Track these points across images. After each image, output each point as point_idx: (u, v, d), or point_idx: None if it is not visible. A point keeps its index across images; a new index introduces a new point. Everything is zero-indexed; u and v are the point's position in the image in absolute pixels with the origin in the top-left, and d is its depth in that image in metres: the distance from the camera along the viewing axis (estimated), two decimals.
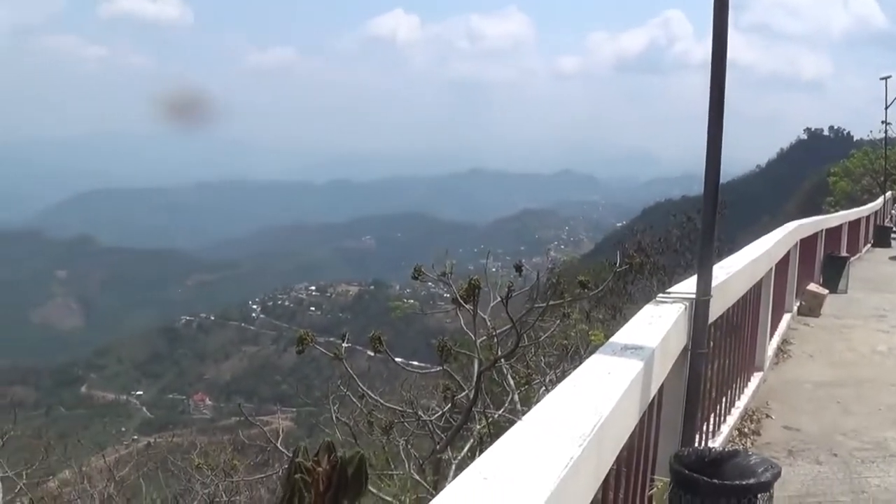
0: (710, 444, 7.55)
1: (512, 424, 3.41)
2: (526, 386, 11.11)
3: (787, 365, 12.69)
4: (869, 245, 31.05)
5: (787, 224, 14.81)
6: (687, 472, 4.76)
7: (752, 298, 9.85)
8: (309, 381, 62.45)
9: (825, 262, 20.10)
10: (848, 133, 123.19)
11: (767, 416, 9.85)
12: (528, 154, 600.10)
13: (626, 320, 5.56)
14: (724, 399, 8.68)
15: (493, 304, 9.57)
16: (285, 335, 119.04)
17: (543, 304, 9.06)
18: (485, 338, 9.25)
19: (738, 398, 9.59)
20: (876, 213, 33.92)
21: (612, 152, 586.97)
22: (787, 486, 7.37)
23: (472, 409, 9.33)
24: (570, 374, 4.16)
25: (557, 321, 11.00)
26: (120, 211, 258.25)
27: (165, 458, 17.86)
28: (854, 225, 27.02)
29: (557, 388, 3.87)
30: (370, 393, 9.89)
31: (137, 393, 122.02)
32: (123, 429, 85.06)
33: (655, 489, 5.12)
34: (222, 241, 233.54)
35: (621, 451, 4.05)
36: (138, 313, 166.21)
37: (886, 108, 43.39)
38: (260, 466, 15.02)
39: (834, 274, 19.83)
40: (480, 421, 9.85)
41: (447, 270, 9.27)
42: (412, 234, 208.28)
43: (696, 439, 6.42)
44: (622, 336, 4.96)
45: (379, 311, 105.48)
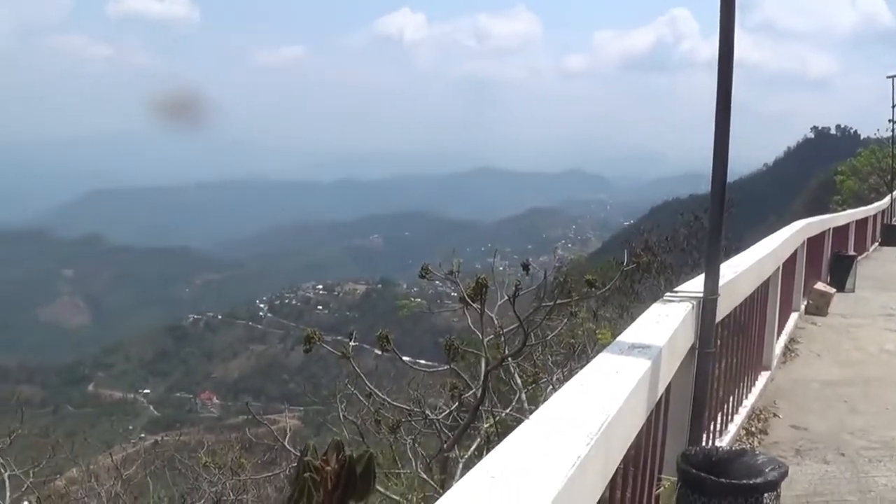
0: (718, 444, 7.55)
1: (519, 423, 3.42)
2: (533, 385, 11.12)
3: (794, 364, 12.67)
4: (876, 244, 31.00)
5: (795, 223, 14.82)
6: (694, 471, 4.76)
7: (759, 297, 9.84)
8: (316, 380, 62.51)
9: (832, 261, 20.07)
10: (855, 132, 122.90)
11: (775, 415, 9.84)
12: (535, 153, 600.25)
13: (633, 319, 5.55)
14: (731, 398, 8.68)
15: (500, 302, 9.57)
16: (293, 334, 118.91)
17: (551, 303, 9.05)
18: (492, 336, 9.24)
19: (746, 397, 9.58)
20: (883, 211, 33.83)
21: (619, 151, 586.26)
22: (795, 486, 7.36)
23: (480, 407, 9.32)
24: (577, 373, 4.16)
25: (565, 320, 11.01)
26: (127, 210, 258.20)
27: (173, 457, 17.91)
28: (861, 224, 26.98)
29: (565, 387, 3.87)
30: (377, 392, 9.87)
31: (145, 391, 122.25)
32: (131, 427, 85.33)
33: (663, 488, 5.12)
34: (230, 240, 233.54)
35: (629, 450, 4.05)
36: (146, 312, 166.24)
37: (893, 106, 43.32)
38: (267, 465, 15.06)
39: (841, 273, 19.81)
40: (488, 420, 9.85)
41: (454, 269, 9.27)
42: (419, 233, 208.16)
43: (704, 438, 6.42)
44: (629, 335, 4.96)
45: (386, 310, 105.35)
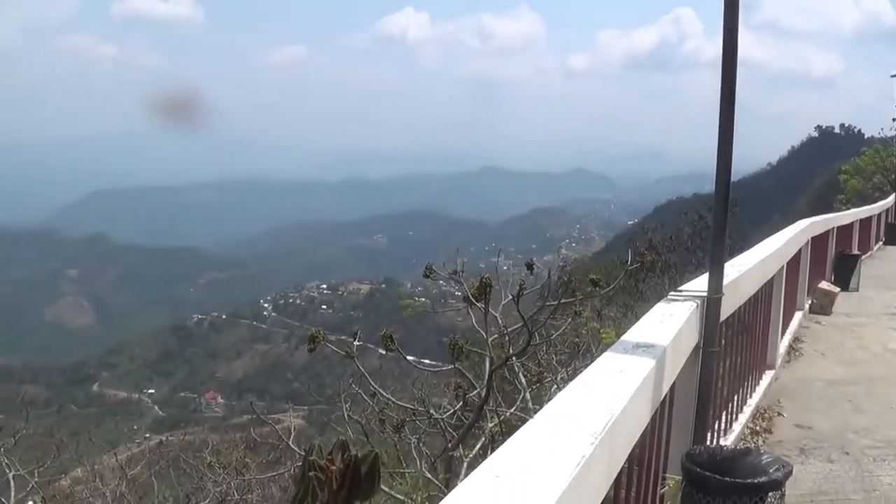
0: (722, 443, 7.56)
1: (523, 423, 3.42)
2: (537, 384, 11.10)
3: (798, 363, 12.68)
4: (880, 243, 31.00)
5: (799, 222, 14.81)
6: (699, 470, 4.76)
7: (763, 296, 9.85)
8: (321, 380, 62.51)
9: (836, 260, 20.07)
10: (859, 131, 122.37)
11: (779, 414, 9.85)
12: (539, 152, 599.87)
13: (637, 318, 5.55)
14: (735, 397, 8.68)
15: (504, 302, 9.56)
16: (297, 333, 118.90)
17: (555, 303, 9.07)
18: (496, 336, 9.25)
19: (750, 396, 9.59)
20: (887, 210, 33.79)
21: (623, 150, 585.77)
22: (799, 485, 7.37)
23: (484, 407, 9.33)
24: (581, 373, 4.17)
25: (569, 319, 11.00)
26: (132, 210, 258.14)
27: (177, 457, 17.92)
28: (865, 223, 26.98)
29: (569, 387, 3.88)
30: (382, 391, 9.88)
31: (149, 391, 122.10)
32: (135, 427, 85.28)
33: (667, 487, 5.13)
34: (234, 240, 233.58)
35: (633, 450, 4.06)
36: (150, 312, 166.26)
37: None
38: (272, 464, 15.04)
39: (845, 272, 19.80)
40: (492, 419, 9.85)
41: (459, 269, 9.28)
42: (424, 233, 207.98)
43: (708, 438, 6.42)
44: (634, 334, 4.97)
45: (390, 310, 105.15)
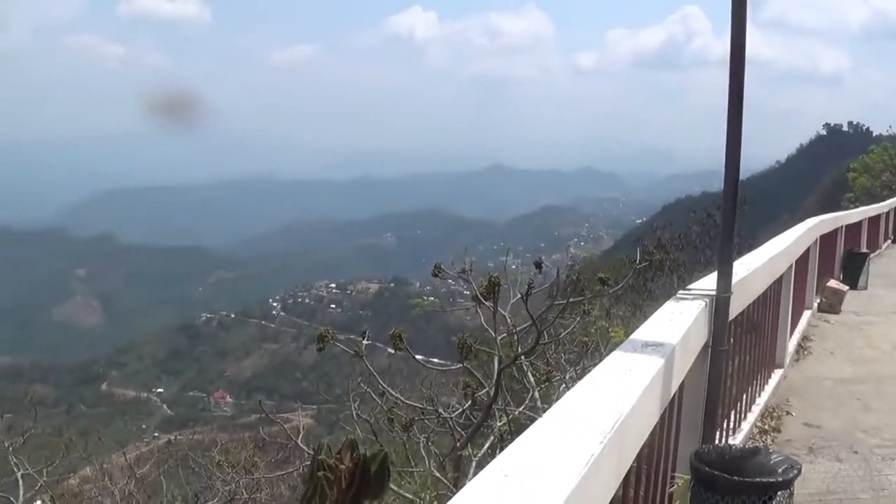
0: (731, 442, 7.56)
1: (532, 422, 3.42)
2: (546, 383, 11.11)
3: (807, 362, 12.66)
4: (889, 241, 30.91)
5: (807, 220, 14.78)
6: (707, 469, 4.77)
7: (772, 295, 9.84)
8: (329, 379, 62.61)
9: (845, 259, 20.04)
10: (867, 128, 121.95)
11: (788, 413, 9.84)
12: (547, 151, 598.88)
13: (646, 317, 5.55)
14: (744, 396, 8.68)
15: (513, 301, 9.57)
16: (305, 333, 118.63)
17: (563, 302, 9.05)
18: (505, 335, 9.24)
19: (759, 395, 9.58)
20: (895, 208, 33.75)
21: (631, 149, 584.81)
22: (808, 484, 7.36)
23: (493, 406, 9.33)
24: (590, 372, 4.17)
25: (577, 318, 11.01)
26: (140, 209, 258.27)
27: (186, 456, 17.92)
28: (874, 221, 26.92)
29: (578, 386, 3.88)
30: (390, 390, 9.88)
31: (158, 390, 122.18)
32: (144, 426, 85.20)
33: (676, 486, 5.13)
34: (243, 239, 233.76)
35: (642, 449, 4.06)
36: (159, 311, 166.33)
37: None
38: (281, 463, 15.07)
39: (854, 270, 19.77)
40: (501, 418, 9.84)
41: (467, 268, 9.29)
42: (432, 232, 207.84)
43: (717, 437, 6.43)
44: (642, 333, 4.97)
45: (399, 309, 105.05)
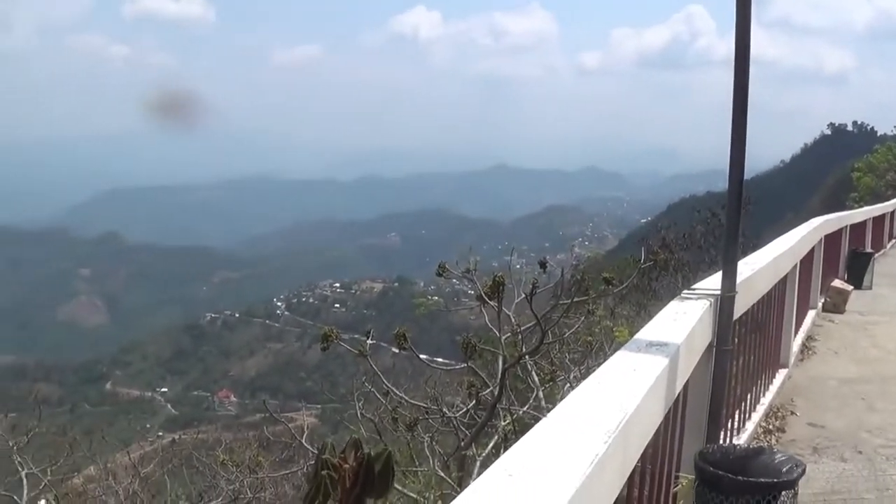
0: (735, 442, 7.56)
1: (536, 421, 3.42)
2: (550, 383, 11.10)
3: (811, 362, 12.65)
4: (894, 241, 30.85)
5: (812, 220, 14.78)
6: (712, 469, 4.76)
7: (776, 295, 9.84)
8: (334, 378, 62.40)
9: (850, 259, 20.02)
10: (872, 128, 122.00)
11: (792, 413, 9.83)
12: (551, 150, 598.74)
13: (650, 317, 5.55)
14: (748, 396, 8.67)
15: (517, 300, 9.55)
16: (310, 332, 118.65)
17: (568, 301, 9.05)
18: (509, 335, 9.24)
19: (763, 395, 9.57)
20: None
21: (636, 148, 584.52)
22: (812, 484, 7.36)
23: (497, 405, 9.32)
24: (594, 371, 4.17)
25: (582, 318, 11.00)
26: (144, 209, 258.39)
27: (190, 455, 17.94)
28: (878, 221, 26.89)
29: (582, 385, 3.88)
30: (395, 390, 9.88)
31: (162, 390, 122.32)
32: (148, 425, 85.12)
33: (680, 486, 5.12)
34: (247, 239, 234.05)
35: (646, 448, 4.06)
36: (163, 310, 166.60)
37: None
38: (285, 463, 15.05)
39: (858, 270, 19.75)
40: (505, 418, 9.84)
41: (472, 267, 9.28)
42: (437, 231, 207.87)
43: (721, 436, 6.42)
44: (647, 333, 4.97)
45: (403, 308, 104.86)
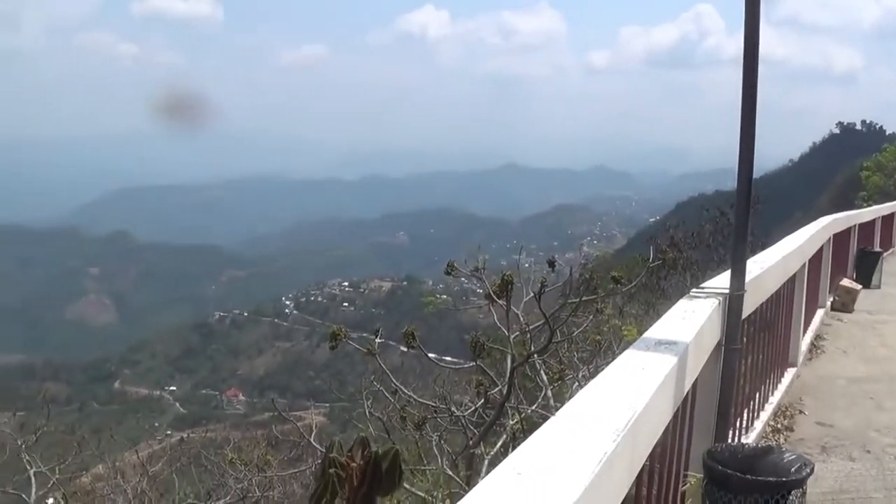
0: (744, 441, 7.55)
1: (545, 420, 3.42)
2: (559, 381, 11.12)
3: (820, 361, 12.63)
4: None
5: (820, 219, 14.75)
6: (720, 468, 4.76)
7: (785, 294, 9.82)
8: (342, 377, 62.45)
9: (858, 258, 19.97)
10: (880, 127, 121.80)
11: (801, 412, 9.81)
12: (560, 149, 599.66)
13: (659, 316, 5.54)
14: (757, 395, 8.67)
15: (526, 299, 9.56)
16: (318, 331, 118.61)
17: (576, 300, 9.05)
18: (518, 333, 9.25)
19: (772, 394, 9.56)
20: None
21: (644, 147, 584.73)
22: (821, 483, 7.34)
23: (505, 404, 9.33)
24: (603, 370, 4.17)
25: (590, 317, 11.00)
26: (154, 208, 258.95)
27: (199, 454, 17.97)
28: (887, 220, 26.81)
29: (591, 384, 3.88)
30: (403, 388, 9.89)
31: (171, 388, 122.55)
32: (157, 424, 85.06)
33: (689, 485, 5.12)
34: (256, 238, 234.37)
35: (655, 447, 4.05)
36: (172, 309, 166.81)
37: None
38: (293, 461, 15.07)
39: (867, 269, 19.70)
40: (513, 416, 9.84)
41: (480, 266, 9.30)
42: (445, 230, 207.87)
43: (730, 435, 6.41)
44: (655, 331, 4.96)
45: (412, 307, 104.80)
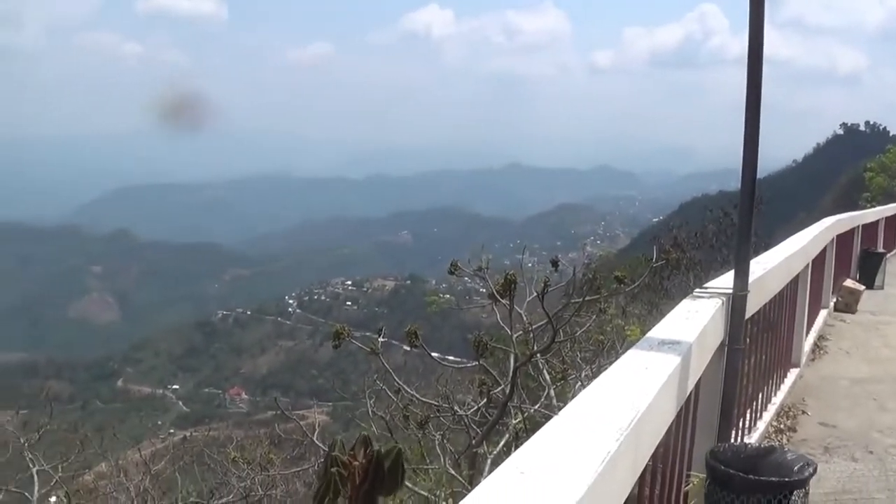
0: (747, 441, 7.54)
1: (548, 419, 3.43)
2: (562, 381, 11.11)
3: (823, 361, 12.63)
4: None
5: (824, 220, 14.75)
6: (723, 468, 4.76)
7: (788, 294, 9.82)
8: (345, 376, 62.42)
9: (862, 258, 19.97)
10: (884, 128, 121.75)
11: (803, 412, 9.81)
12: (564, 149, 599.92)
13: (662, 316, 5.55)
14: (760, 395, 8.66)
15: (529, 299, 9.55)
16: (321, 330, 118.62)
17: (579, 300, 9.04)
18: (521, 333, 9.23)
19: (775, 394, 9.56)
20: None
21: (648, 147, 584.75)
22: (823, 483, 7.34)
23: (508, 404, 9.32)
24: (606, 370, 4.17)
25: (593, 316, 11.00)
26: (157, 206, 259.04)
27: (201, 452, 17.93)
28: (891, 221, 26.78)
29: (594, 383, 3.88)
30: (406, 387, 9.88)
31: (173, 387, 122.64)
32: (159, 422, 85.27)
33: (691, 485, 5.12)
34: (259, 236, 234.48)
35: (658, 447, 4.06)
36: (174, 308, 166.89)
37: None
38: (296, 460, 15.06)
39: (870, 270, 19.69)
40: (516, 416, 9.84)
41: (483, 265, 9.27)
42: (448, 229, 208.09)
43: (733, 435, 6.41)
44: (659, 331, 4.97)
45: (415, 306, 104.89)
